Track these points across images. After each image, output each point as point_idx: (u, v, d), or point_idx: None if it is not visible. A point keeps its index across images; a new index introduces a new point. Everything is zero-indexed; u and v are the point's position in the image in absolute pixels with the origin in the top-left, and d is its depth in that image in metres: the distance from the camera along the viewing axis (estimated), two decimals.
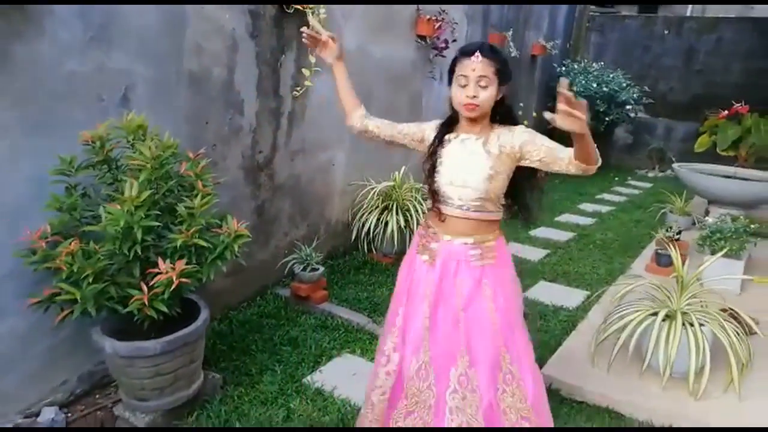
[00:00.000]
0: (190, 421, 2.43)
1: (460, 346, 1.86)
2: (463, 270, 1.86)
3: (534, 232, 5.57)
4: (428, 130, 1.97)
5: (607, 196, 7.71)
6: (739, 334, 2.71)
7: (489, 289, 1.87)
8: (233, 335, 3.14)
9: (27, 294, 2.11)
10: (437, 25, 4.67)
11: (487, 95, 1.75)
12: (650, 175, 9.86)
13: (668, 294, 2.87)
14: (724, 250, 3.36)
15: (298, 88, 3.45)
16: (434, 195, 1.89)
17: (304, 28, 2.01)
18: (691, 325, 2.68)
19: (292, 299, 3.58)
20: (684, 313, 2.75)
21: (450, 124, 1.92)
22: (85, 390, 2.57)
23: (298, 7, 3.22)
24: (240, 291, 3.46)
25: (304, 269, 3.53)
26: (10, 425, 2.23)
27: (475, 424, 1.84)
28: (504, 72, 1.77)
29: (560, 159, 1.73)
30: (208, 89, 2.93)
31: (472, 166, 1.82)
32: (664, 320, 2.73)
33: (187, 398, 2.40)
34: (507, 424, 1.88)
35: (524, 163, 1.82)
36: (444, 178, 1.85)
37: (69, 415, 2.45)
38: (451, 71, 1.81)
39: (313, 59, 3.38)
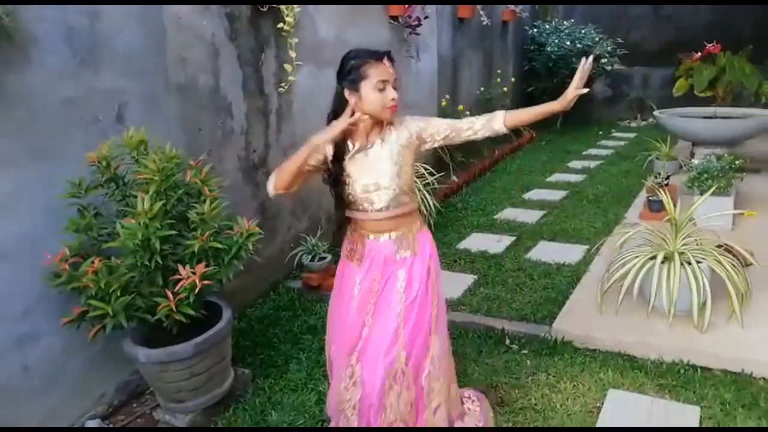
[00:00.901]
0: (227, 415, 2.53)
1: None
2: (390, 264, 1.95)
3: (527, 195, 5.69)
4: (326, 153, 1.88)
5: (593, 151, 7.83)
6: (735, 267, 2.84)
7: (402, 282, 1.94)
8: (254, 331, 3.24)
9: (57, 315, 2.20)
10: (408, 5, 4.72)
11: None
12: (633, 125, 9.99)
13: (664, 237, 2.99)
14: (712, 189, 3.48)
15: (283, 84, 3.51)
16: (349, 204, 1.96)
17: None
18: (689, 263, 2.81)
19: (304, 290, 3.68)
20: (681, 253, 2.87)
21: (339, 141, 1.89)
22: (122, 400, 2.67)
23: (273, 5, 3.27)
24: (253, 289, 3.55)
25: (312, 259, 3.63)
26: None
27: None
28: None
29: (465, 129, 1.93)
30: (197, 97, 2.99)
31: (379, 169, 1.89)
32: (663, 262, 2.86)
33: (222, 395, 2.51)
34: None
35: (427, 146, 1.96)
36: (357, 188, 1.91)
37: (111, 425, 2.56)
38: (359, 76, 1.80)
39: (293, 54, 3.44)
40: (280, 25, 3.31)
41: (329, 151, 1.86)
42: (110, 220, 2.27)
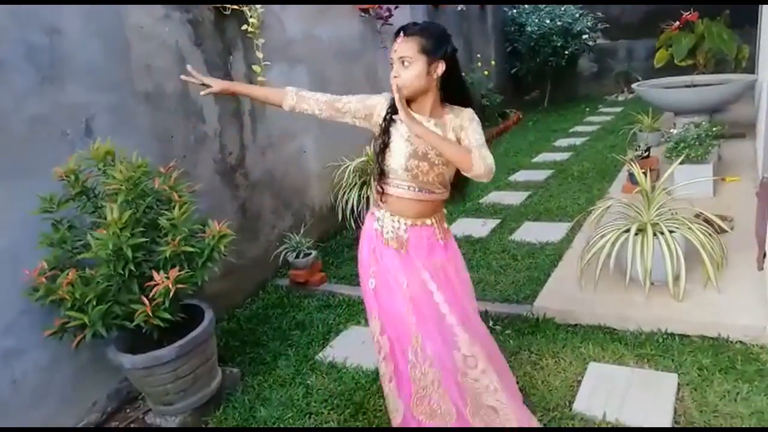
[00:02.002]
0: (217, 414, 2.58)
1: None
2: (426, 249, 1.92)
3: (513, 177, 5.72)
4: (378, 105, 1.88)
5: (580, 128, 7.84)
6: (709, 234, 2.87)
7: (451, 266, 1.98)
8: (243, 331, 3.29)
9: (41, 328, 2.25)
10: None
11: (409, 74, 1.72)
12: (620, 99, 9.98)
13: (638, 209, 3.02)
14: (681, 158, 3.50)
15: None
16: (382, 175, 1.88)
17: (183, 77, 2.02)
18: (662, 233, 2.84)
19: (292, 287, 3.73)
20: (654, 224, 2.91)
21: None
22: (115, 407, 2.72)
23: (235, 7, 3.29)
24: (240, 289, 3.60)
25: (297, 256, 3.67)
26: None
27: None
28: (431, 48, 1.73)
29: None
30: (166, 104, 3.02)
31: (424, 150, 1.79)
32: (637, 234, 2.89)
33: (210, 395, 2.56)
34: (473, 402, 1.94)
35: None
36: (396, 159, 1.82)
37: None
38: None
39: (260, 54, 3.46)
40: (245, 27, 3.32)
41: (381, 111, 1.85)
42: (84, 232, 2.31)
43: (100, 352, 2.46)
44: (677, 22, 6.78)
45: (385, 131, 1.85)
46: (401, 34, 1.75)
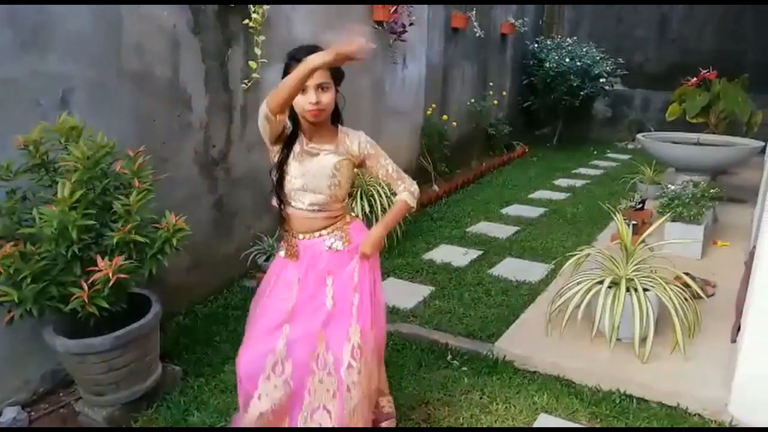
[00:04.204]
0: (149, 413, 2.49)
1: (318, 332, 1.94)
2: (323, 259, 1.96)
3: (506, 210, 5.63)
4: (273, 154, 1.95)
5: (583, 170, 7.76)
6: (684, 298, 2.78)
7: (330, 276, 1.96)
8: (198, 328, 3.20)
9: None
10: (393, 9, 4.69)
11: (329, 98, 1.82)
12: (629, 147, 9.88)
13: (615, 262, 2.93)
14: (669, 214, 3.41)
15: (246, 81, 3.48)
16: (284, 197, 1.95)
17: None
18: (636, 290, 2.74)
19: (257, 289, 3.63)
20: (629, 280, 2.81)
21: (292, 131, 1.91)
22: (48, 389, 2.63)
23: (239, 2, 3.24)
24: (205, 285, 3.51)
25: (267, 259, 3.58)
26: None
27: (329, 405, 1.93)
28: (338, 73, 1.85)
29: (394, 189, 2.06)
30: (152, 88, 2.96)
31: (320, 173, 1.90)
32: (610, 287, 2.80)
33: (144, 391, 2.46)
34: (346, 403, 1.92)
35: (363, 170, 2.02)
36: (294, 184, 1.91)
37: (32, 414, 2.51)
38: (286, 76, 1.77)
39: (259, 51, 3.40)
40: (246, 21, 3.27)
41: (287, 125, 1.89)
42: (36, 205, 2.24)
43: (41, 331, 2.37)
44: (695, 78, 6.72)
45: (282, 163, 1.92)
46: None
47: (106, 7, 2.67)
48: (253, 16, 3.25)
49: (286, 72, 1.83)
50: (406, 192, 2.02)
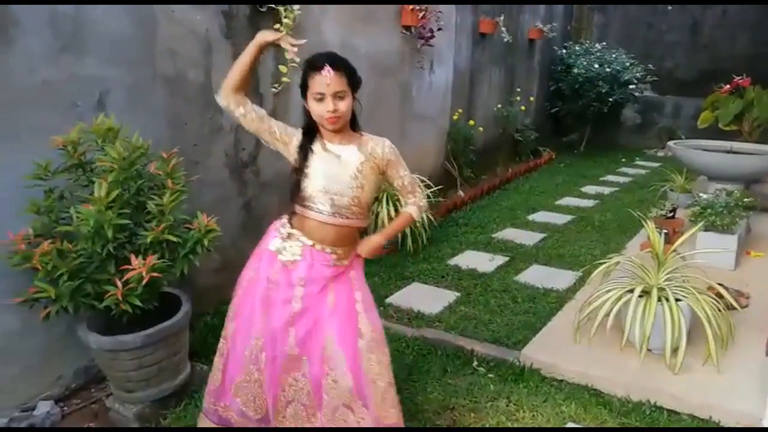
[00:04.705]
0: (177, 410, 2.52)
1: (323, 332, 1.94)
2: (320, 273, 1.94)
3: (532, 217, 5.58)
4: (295, 139, 1.96)
5: (611, 178, 7.65)
6: (717, 309, 2.72)
7: (332, 293, 1.95)
8: None
9: (15, 293, 2.21)
10: (421, 14, 4.69)
11: (346, 106, 1.83)
12: (659, 154, 9.72)
13: (646, 271, 2.88)
14: (702, 223, 3.34)
15: (276, 85, 3.51)
16: (303, 201, 1.93)
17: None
18: (667, 300, 2.69)
19: None
20: (661, 289, 2.76)
21: (310, 132, 1.94)
22: (80, 384, 2.68)
23: (272, 5, 3.28)
24: (232, 286, 3.50)
25: None
26: (5, 420, 2.34)
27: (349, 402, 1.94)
28: (354, 81, 1.86)
29: (404, 199, 2.06)
30: (185, 91, 3.01)
31: (343, 174, 1.90)
32: (641, 296, 2.75)
33: (173, 389, 2.50)
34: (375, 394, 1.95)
35: (383, 177, 2.01)
36: (315, 186, 1.90)
37: (65, 408, 2.57)
38: (304, 84, 1.84)
39: (289, 56, 3.43)
40: (277, 26, 3.31)
41: (296, 146, 1.93)
42: (73, 204, 2.29)
43: (75, 327, 2.42)
44: (728, 85, 6.59)
45: (304, 159, 1.92)
46: (327, 68, 1.78)
47: (142, 12, 2.73)
48: (285, 20, 3.29)
49: (304, 80, 1.85)
50: (414, 206, 2.04)
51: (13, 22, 2.22)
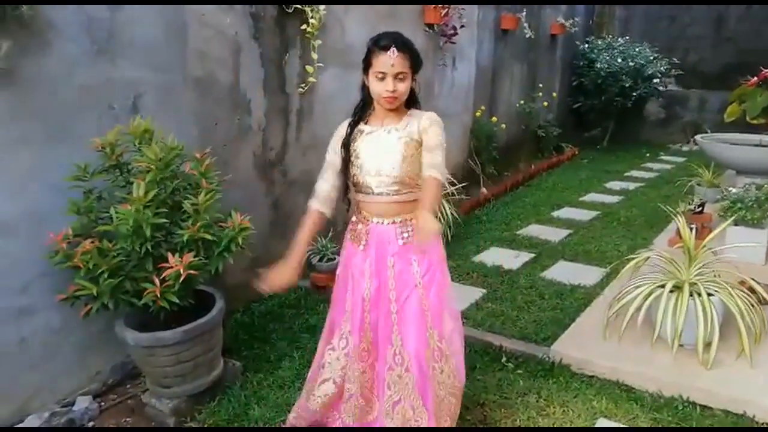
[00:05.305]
0: (211, 406, 2.57)
1: (393, 326, 1.97)
2: (393, 249, 1.98)
3: (557, 213, 5.55)
4: (339, 140, 2.03)
5: (636, 173, 7.57)
6: (752, 304, 2.69)
7: (417, 266, 1.98)
8: (255, 325, 3.28)
9: (57, 292, 2.28)
10: (444, 12, 4.70)
11: (405, 87, 1.87)
12: (684, 149, 9.59)
13: (677, 266, 2.86)
14: (733, 218, 3.30)
15: (303, 85, 3.56)
16: (354, 186, 2.00)
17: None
18: (699, 294, 2.67)
19: (311, 289, 3.71)
20: (692, 284, 2.74)
21: (362, 110, 2.01)
22: (117, 380, 2.75)
23: (298, 6, 3.32)
24: None
25: (321, 260, 3.65)
26: (47, 414, 2.41)
27: (411, 400, 1.95)
28: (417, 63, 1.89)
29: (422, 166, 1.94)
30: (215, 92, 3.06)
31: (386, 155, 1.92)
32: (672, 291, 2.73)
33: (207, 384, 2.55)
34: (435, 400, 1.96)
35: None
36: (363, 170, 1.95)
37: (102, 404, 2.64)
38: (367, 62, 1.88)
39: (315, 55, 3.48)
40: (304, 26, 3.35)
41: (342, 131, 2.02)
42: (112, 204, 2.35)
43: (113, 324, 2.49)
44: (755, 78, 6.47)
45: (348, 148, 1.99)
46: (393, 49, 1.81)
47: (173, 15, 2.79)
48: (311, 21, 3.33)
49: (367, 58, 1.89)
50: (432, 169, 1.88)
51: (50, 27, 2.28)
